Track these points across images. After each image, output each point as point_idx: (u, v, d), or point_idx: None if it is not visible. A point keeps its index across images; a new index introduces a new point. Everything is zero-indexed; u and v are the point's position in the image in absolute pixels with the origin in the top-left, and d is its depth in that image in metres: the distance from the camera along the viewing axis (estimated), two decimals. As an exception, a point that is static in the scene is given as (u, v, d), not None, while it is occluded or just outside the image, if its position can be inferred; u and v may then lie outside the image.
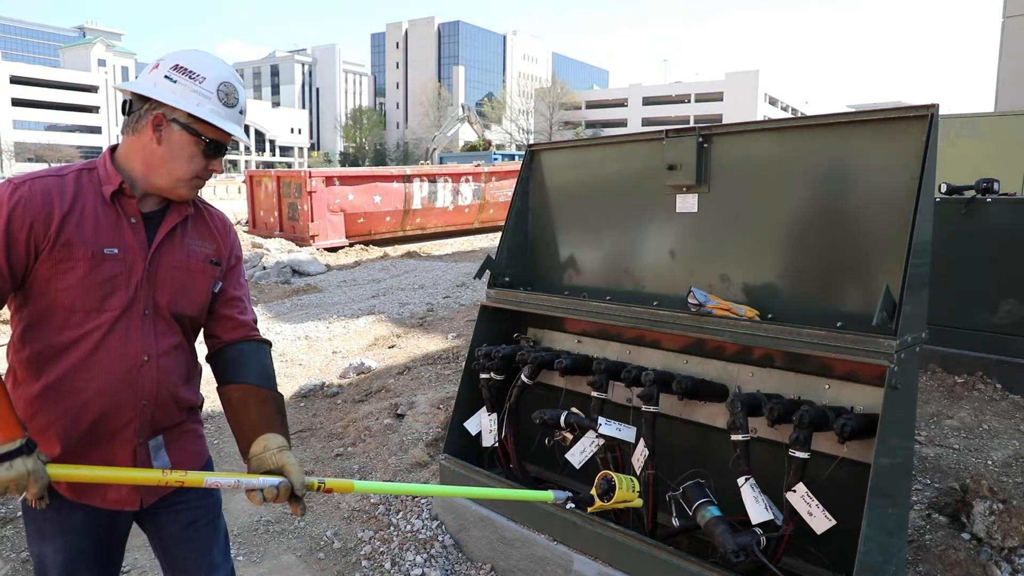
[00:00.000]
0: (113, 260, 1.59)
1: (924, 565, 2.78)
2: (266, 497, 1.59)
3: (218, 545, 1.88)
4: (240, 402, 1.75)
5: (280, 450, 1.68)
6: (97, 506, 1.67)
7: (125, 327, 1.62)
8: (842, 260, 2.50)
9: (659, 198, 3.02)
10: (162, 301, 1.67)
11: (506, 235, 3.52)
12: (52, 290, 1.56)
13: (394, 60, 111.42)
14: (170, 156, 1.63)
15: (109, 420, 1.62)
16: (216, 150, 1.69)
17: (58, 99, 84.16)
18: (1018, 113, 7.56)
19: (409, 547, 3.15)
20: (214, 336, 1.83)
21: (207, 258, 1.77)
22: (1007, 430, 4.00)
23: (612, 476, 2.09)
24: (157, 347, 1.66)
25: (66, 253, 1.55)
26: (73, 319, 1.58)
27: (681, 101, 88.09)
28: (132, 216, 1.64)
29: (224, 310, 1.82)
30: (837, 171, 2.52)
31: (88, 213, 1.59)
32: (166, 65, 1.64)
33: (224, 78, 1.67)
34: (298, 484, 1.62)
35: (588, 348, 3.24)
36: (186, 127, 1.63)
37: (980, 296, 4.71)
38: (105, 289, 1.59)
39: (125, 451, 1.65)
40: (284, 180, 15.33)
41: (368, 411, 4.83)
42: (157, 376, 1.66)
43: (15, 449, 1.41)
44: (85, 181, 1.62)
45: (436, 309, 8.05)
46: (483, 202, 18.76)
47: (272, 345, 1.97)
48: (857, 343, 2.20)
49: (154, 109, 1.62)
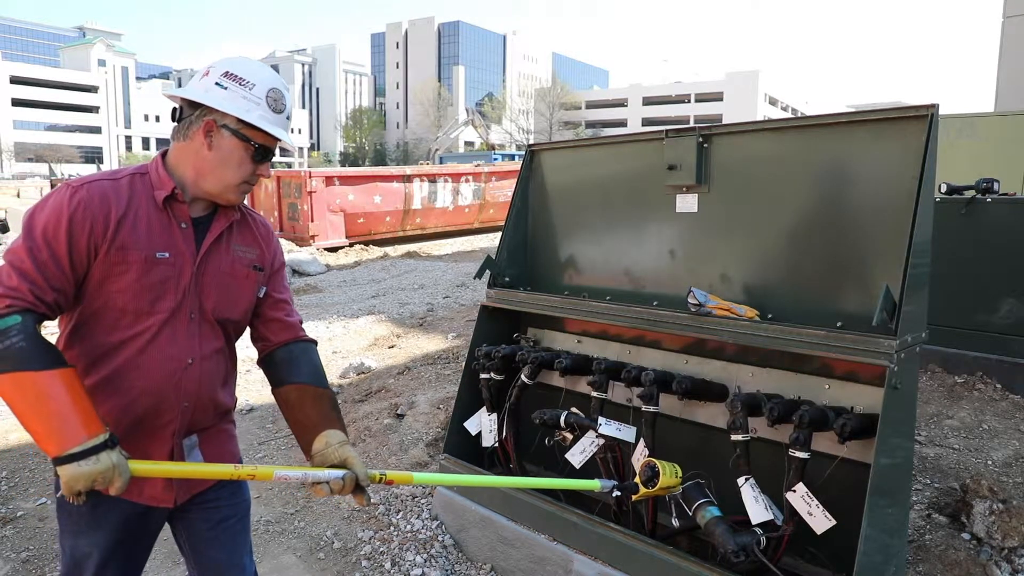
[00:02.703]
0: (164, 264, 1.63)
1: (924, 565, 2.78)
2: (332, 489, 1.66)
3: (247, 545, 1.92)
4: (298, 402, 1.81)
5: (341, 444, 1.75)
6: (134, 501, 1.70)
7: (172, 330, 1.66)
8: (842, 260, 2.50)
9: (659, 198, 3.01)
10: (207, 305, 1.71)
11: (506, 235, 3.52)
12: (105, 292, 1.59)
13: (394, 60, 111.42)
14: (221, 161, 1.67)
15: (152, 419, 1.66)
16: (264, 155, 1.72)
17: (58, 99, 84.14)
18: (1018, 113, 7.55)
19: (409, 547, 3.15)
20: (264, 339, 1.89)
21: (251, 263, 1.81)
22: (1007, 430, 3.99)
23: (656, 463, 2.14)
24: (201, 350, 1.71)
25: (121, 256, 1.59)
26: (124, 321, 1.61)
27: (681, 101, 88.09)
28: (183, 221, 1.68)
29: (271, 313, 1.87)
30: (837, 171, 2.52)
31: (142, 217, 1.62)
32: (216, 72, 1.67)
33: (273, 84, 1.71)
34: (362, 475, 1.69)
35: (588, 348, 3.24)
36: (236, 133, 1.66)
37: (980, 296, 4.71)
38: (155, 292, 1.63)
39: (162, 450, 1.70)
40: (284, 180, 15.33)
41: (368, 411, 4.83)
42: (200, 378, 1.71)
43: (101, 443, 1.45)
44: (138, 185, 1.66)
45: (436, 309, 8.05)
46: (483, 202, 18.76)
47: (318, 344, 2.01)
48: (857, 343, 2.20)
49: (205, 115, 1.65)
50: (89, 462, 1.43)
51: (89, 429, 1.45)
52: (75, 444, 1.43)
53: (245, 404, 5.29)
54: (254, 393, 5.58)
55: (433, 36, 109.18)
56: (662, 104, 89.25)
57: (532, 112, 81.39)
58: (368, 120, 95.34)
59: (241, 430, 4.81)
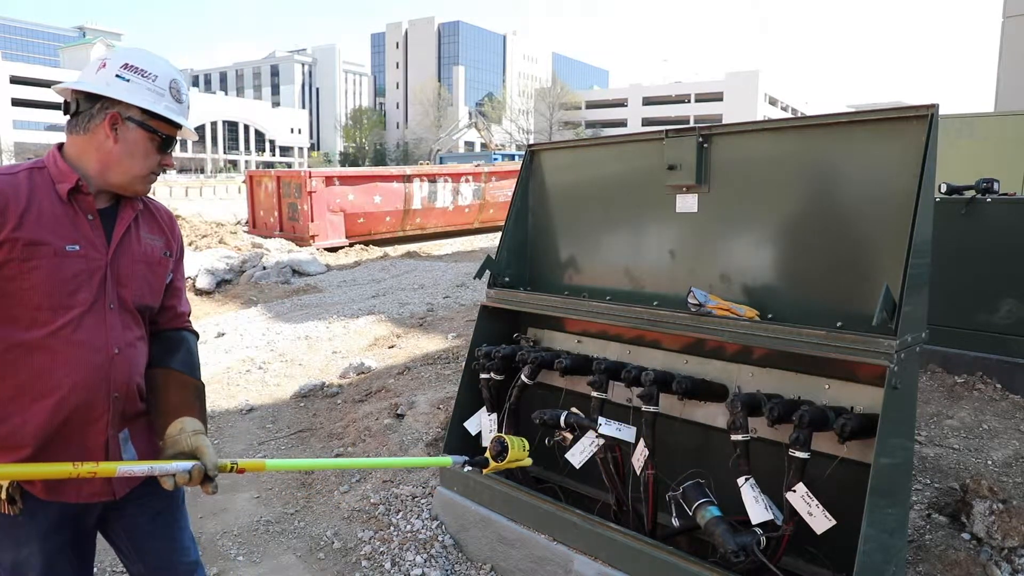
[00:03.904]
0: (75, 256, 1.62)
1: (924, 565, 2.78)
2: (178, 482, 1.60)
3: (187, 530, 1.94)
4: (163, 385, 1.79)
5: (196, 433, 1.70)
6: (72, 501, 1.67)
7: (94, 321, 1.64)
8: (842, 260, 2.50)
9: (659, 198, 3.02)
10: (126, 295, 1.71)
11: (506, 235, 3.52)
12: (17, 289, 1.56)
13: (394, 60, 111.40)
14: (127, 153, 1.68)
15: (84, 413, 1.63)
16: (167, 145, 1.74)
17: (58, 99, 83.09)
18: (1018, 113, 7.55)
19: (409, 547, 3.15)
20: (153, 323, 1.87)
21: (161, 251, 1.83)
22: (1007, 430, 3.99)
23: (505, 438, 2.21)
24: (124, 339, 1.70)
25: (31, 252, 1.56)
26: (41, 316, 1.58)
27: (681, 101, 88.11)
28: (89, 213, 1.67)
29: (168, 301, 1.88)
30: (837, 171, 2.52)
31: (45, 211, 1.60)
32: (114, 64, 1.67)
33: (173, 75, 1.73)
34: (211, 465, 1.63)
35: (588, 348, 3.24)
36: (142, 124, 1.67)
37: (980, 296, 4.71)
38: (71, 285, 1.61)
39: (97, 443, 1.67)
40: (284, 180, 15.34)
41: (368, 411, 4.83)
42: (127, 367, 1.70)
43: None
44: (37, 179, 1.63)
45: (436, 309, 8.04)
46: (483, 202, 18.76)
47: (200, 337, 2.04)
48: (857, 343, 2.20)
49: (108, 108, 1.65)
50: None
51: None
52: None
53: (245, 404, 5.29)
54: (253, 393, 5.59)
55: (433, 36, 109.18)
56: (662, 104, 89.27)
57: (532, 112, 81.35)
58: (368, 120, 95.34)
59: (240, 430, 4.82)
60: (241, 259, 11.83)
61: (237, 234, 15.29)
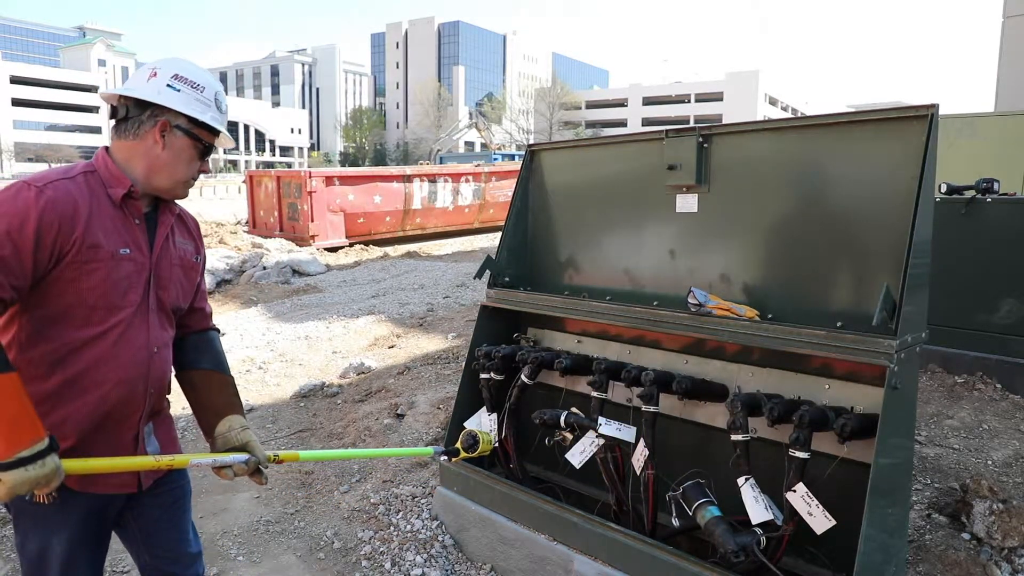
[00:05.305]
0: (127, 260, 1.71)
1: (924, 565, 2.78)
2: (236, 472, 1.79)
3: (191, 522, 2.03)
4: (202, 386, 1.95)
5: (243, 429, 1.88)
6: (100, 492, 1.75)
7: (139, 321, 1.74)
8: (842, 260, 2.50)
9: (659, 198, 3.01)
10: (165, 296, 1.81)
11: (506, 235, 3.52)
12: (76, 290, 1.63)
13: (394, 60, 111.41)
14: (174, 160, 1.77)
15: (122, 408, 1.72)
16: (207, 152, 1.85)
17: (58, 99, 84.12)
18: (1018, 113, 7.55)
19: (409, 547, 3.15)
20: (184, 326, 1.98)
21: (193, 255, 1.94)
22: (1007, 430, 4.00)
23: (476, 433, 2.48)
24: (161, 339, 1.81)
25: (92, 254, 1.64)
26: (96, 316, 1.66)
27: (681, 101, 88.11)
28: (137, 217, 1.76)
29: (198, 303, 2.00)
30: (837, 171, 2.52)
31: (103, 215, 1.68)
32: (165, 74, 1.76)
33: (217, 87, 1.85)
34: (262, 459, 1.83)
35: (588, 348, 3.24)
36: (188, 132, 1.77)
37: (980, 296, 4.71)
38: (123, 287, 1.70)
39: (128, 437, 1.76)
40: (284, 180, 15.34)
41: (368, 411, 4.83)
42: (162, 365, 1.82)
43: (47, 447, 1.47)
44: (92, 183, 1.71)
45: (436, 309, 8.05)
46: (483, 202, 18.76)
47: (222, 333, 2.19)
48: (857, 343, 2.20)
49: (158, 116, 1.74)
50: (36, 466, 1.44)
51: (34, 433, 1.46)
52: (24, 448, 1.43)
53: (245, 404, 5.27)
54: (253, 393, 5.59)
55: (433, 36, 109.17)
56: (662, 104, 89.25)
57: (532, 112, 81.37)
58: (368, 120, 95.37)
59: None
60: (241, 259, 11.83)
61: (237, 234, 15.30)
